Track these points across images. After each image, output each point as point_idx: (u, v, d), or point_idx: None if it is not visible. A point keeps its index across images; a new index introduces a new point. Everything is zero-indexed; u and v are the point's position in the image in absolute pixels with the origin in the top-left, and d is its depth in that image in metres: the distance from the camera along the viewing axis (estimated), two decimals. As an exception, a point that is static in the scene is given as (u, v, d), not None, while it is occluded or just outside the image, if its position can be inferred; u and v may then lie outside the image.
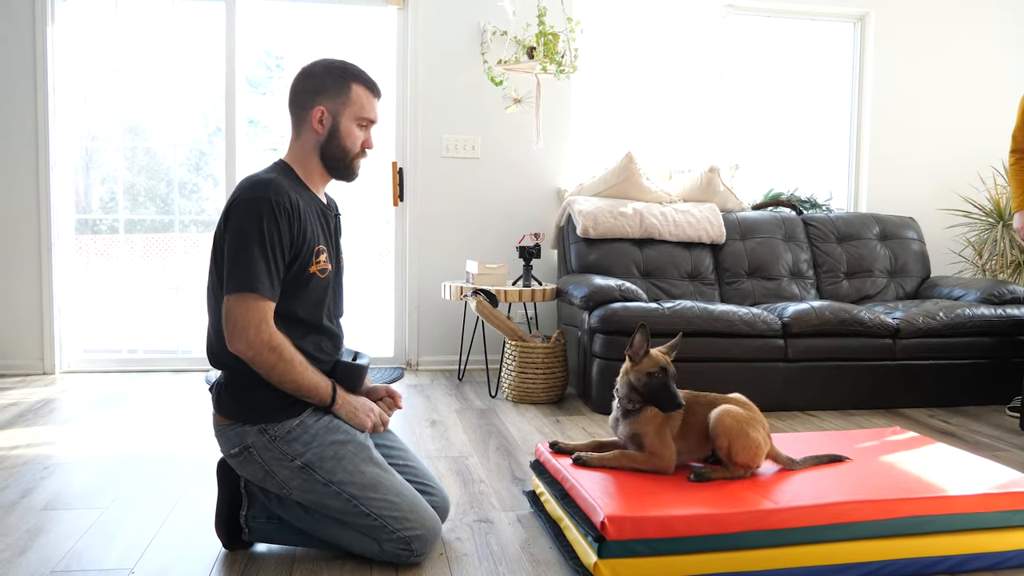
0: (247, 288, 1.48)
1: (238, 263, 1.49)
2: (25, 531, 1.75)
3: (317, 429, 1.57)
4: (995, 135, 4.34)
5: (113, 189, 3.93)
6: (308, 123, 1.62)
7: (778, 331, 3.02)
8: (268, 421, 1.55)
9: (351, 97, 1.63)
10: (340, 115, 1.62)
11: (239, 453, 1.57)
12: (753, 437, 1.68)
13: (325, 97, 1.61)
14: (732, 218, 3.72)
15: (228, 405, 1.58)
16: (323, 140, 1.63)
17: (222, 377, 1.62)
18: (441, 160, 3.85)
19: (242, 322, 1.47)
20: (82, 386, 3.37)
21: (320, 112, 1.61)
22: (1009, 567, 1.61)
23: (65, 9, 3.65)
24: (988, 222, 4.08)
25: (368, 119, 1.66)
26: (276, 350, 1.49)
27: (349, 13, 3.95)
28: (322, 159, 1.64)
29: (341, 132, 1.63)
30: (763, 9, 4.16)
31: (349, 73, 1.64)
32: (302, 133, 1.64)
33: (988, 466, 1.80)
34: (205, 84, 3.89)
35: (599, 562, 1.44)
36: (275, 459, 1.55)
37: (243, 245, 1.49)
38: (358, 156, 1.67)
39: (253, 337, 1.47)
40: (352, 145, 1.65)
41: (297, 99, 1.64)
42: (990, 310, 3.20)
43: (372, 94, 1.67)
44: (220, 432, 1.61)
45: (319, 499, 1.56)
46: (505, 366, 3.25)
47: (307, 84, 1.63)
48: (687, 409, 1.72)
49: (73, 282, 3.78)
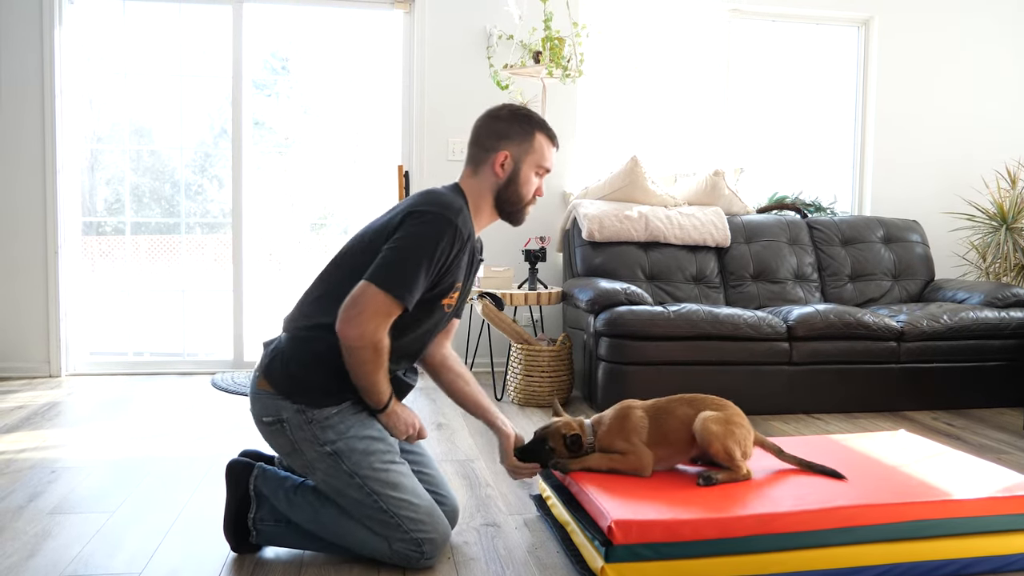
0: (393, 291, 1.50)
1: (399, 264, 1.51)
2: (33, 535, 1.75)
3: (353, 421, 1.59)
4: (998, 139, 4.35)
5: (119, 190, 3.96)
6: (489, 165, 1.67)
7: (783, 334, 3.03)
8: (310, 404, 1.57)
9: (534, 145, 1.67)
10: (522, 162, 1.67)
11: (273, 423, 1.59)
12: (740, 433, 1.71)
13: (509, 143, 1.66)
14: (737, 221, 3.73)
15: (278, 374, 1.59)
16: (502, 184, 1.67)
17: (284, 344, 1.62)
18: (447, 163, 3.87)
19: (368, 314, 1.49)
20: (88, 389, 3.38)
21: (504, 156, 1.66)
22: (1013, 570, 1.62)
23: (72, 11, 3.68)
24: (992, 225, 4.08)
25: (546, 168, 1.71)
26: (378, 352, 1.52)
27: (356, 16, 3.97)
28: (496, 201, 1.69)
29: (520, 178, 1.67)
30: (767, 13, 4.17)
31: (534, 122, 1.69)
32: (480, 172, 1.68)
33: (992, 470, 1.82)
34: (210, 86, 3.92)
35: (606, 566, 1.45)
36: (306, 440, 1.57)
37: (412, 252, 1.52)
38: (530, 203, 1.72)
39: (370, 331, 1.49)
40: (527, 192, 1.70)
41: (480, 140, 1.68)
42: (994, 313, 3.21)
43: (552, 144, 1.72)
44: (258, 396, 1.61)
45: (341, 487, 1.57)
46: (511, 369, 3.26)
47: (493, 127, 1.68)
48: (655, 418, 1.74)
49: (79, 284, 3.80)
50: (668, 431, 1.73)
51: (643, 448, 1.71)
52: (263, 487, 1.66)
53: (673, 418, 1.74)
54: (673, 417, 1.74)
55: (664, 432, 1.73)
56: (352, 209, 4.33)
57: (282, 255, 4.26)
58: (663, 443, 1.73)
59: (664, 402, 1.78)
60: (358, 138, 4.13)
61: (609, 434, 1.74)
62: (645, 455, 1.71)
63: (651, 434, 1.72)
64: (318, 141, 4.15)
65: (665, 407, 1.76)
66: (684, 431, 1.72)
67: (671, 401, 1.78)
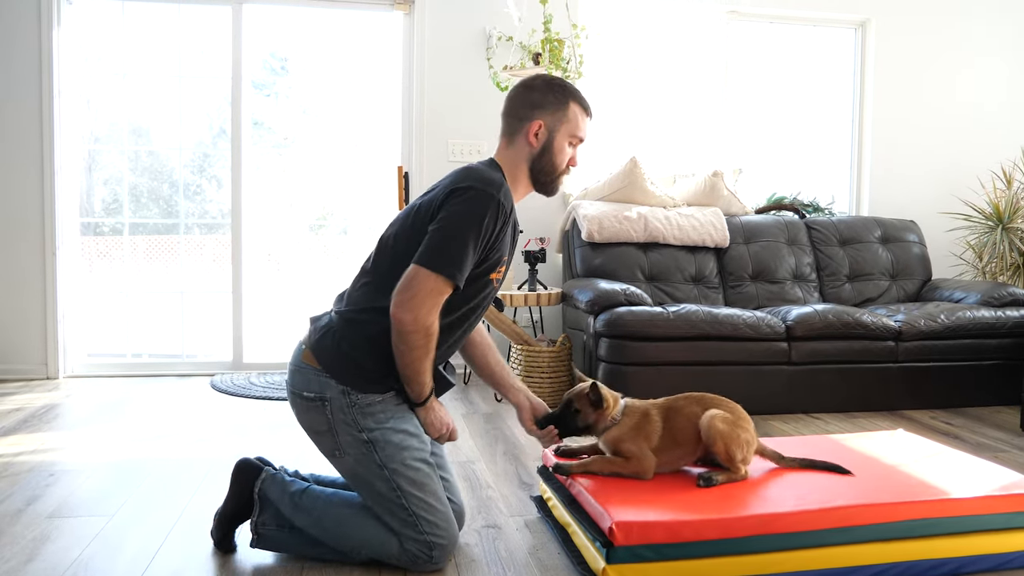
0: (444, 271, 1.50)
1: (447, 244, 1.51)
2: (31, 539, 1.74)
3: (393, 412, 1.60)
4: (994, 140, 4.37)
5: (116, 191, 3.96)
6: (523, 135, 1.67)
7: (782, 334, 3.04)
8: (356, 388, 1.57)
9: (568, 114, 1.67)
10: (556, 131, 1.67)
11: (314, 399, 1.58)
12: (745, 436, 1.72)
13: (544, 112, 1.66)
14: (736, 222, 3.75)
15: (329, 351, 1.59)
16: (536, 153, 1.67)
17: (336, 323, 1.62)
18: (447, 164, 3.87)
19: (421, 296, 1.49)
20: (86, 391, 3.37)
21: (538, 126, 1.65)
22: (1011, 568, 1.64)
23: (71, 12, 3.67)
24: (988, 225, 4.10)
25: (580, 138, 1.70)
26: (429, 337, 1.52)
27: (355, 17, 3.98)
28: (531, 171, 1.69)
29: (555, 147, 1.67)
30: (766, 15, 4.19)
31: (568, 91, 1.69)
32: (514, 143, 1.68)
33: (990, 469, 1.83)
34: (209, 87, 3.92)
35: (607, 567, 1.46)
36: (345, 423, 1.57)
37: (459, 230, 1.52)
38: (564, 172, 1.72)
39: (423, 316, 1.50)
40: (561, 161, 1.69)
41: (514, 110, 1.68)
42: (990, 312, 3.22)
43: (587, 113, 1.71)
44: (302, 370, 1.61)
45: (368, 477, 1.57)
46: (512, 370, 3.27)
47: (527, 97, 1.67)
48: (667, 419, 1.74)
49: (77, 286, 3.79)
50: (677, 431, 1.73)
51: (648, 454, 1.72)
52: (269, 491, 1.65)
53: (682, 417, 1.74)
54: (682, 416, 1.74)
55: (673, 433, 1.73)
56: (351, 209, 4.34)
57: (281, 255, 4.27)
58: (672, 445, 1.73)
59: (674, 400, 1.79)
60: (357, 139, 4.14)
61: (624, 432, 1.73)
62: (648, 461, 1.71)
63: (662, 437, 1.73)
64: (317, 141, 4.16)
65: (675, 405, 1.77)
66: (692, 430, 1.73)
67: (680, 399, 1.79)
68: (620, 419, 1.74)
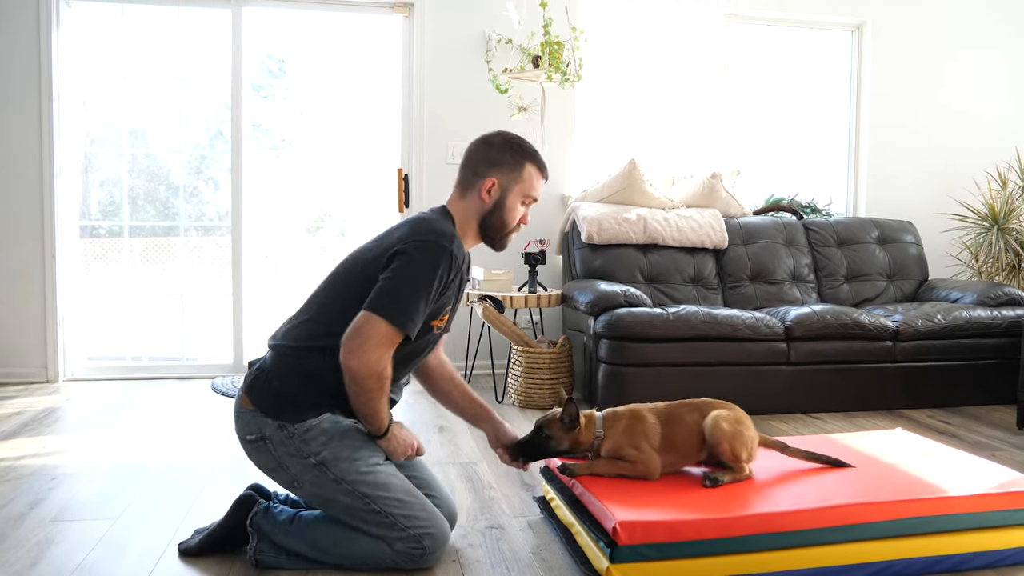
0: (396, 320, 1.51)
1: (400, 293, 1.53)
2: (35, 543, 1.75)
3: (335, 430, 1.61)
4: (990, 141, 4.40)
5: (112, 193, 3.95)
6: (477, 190, 1.69)
7: (781, 335, 3.07)
8: (290, 420, 1.59)
9: (523, 175, 1.70)
10: (509, 190, 1.69)
11: (256, 441, 1.61)
12: (748, 435, 1.74)
13: (499, 170, 1.69)
14: (734, 223, 3.77)
15: (261, 391, 1.62)
16: (488, 209, 1.70)
17: (268, 362, 1.64)
18: (447, 167, 3.89)
19: (372, 344, 1.50)
20: (86, 394, 3.37)
21: (492, 183, 1.68)
22: (1008, 564, 1.66)
23: (70, 14, 3.68)
24: (984, 226, 4.13)
25: (532, 198, 1.74)
26: (381, 382, 1.54)
27: (355, 20, 3.99)
28: (481, 226, 1.71)
29: (506, 206, 1.70)
30: (763, 18, 4.21)
31: (526, 152, 1.71)
32: (467, 196, 1.71)
33: (987, 466, 1.85)
34: (206, 89, 3.92)
35: (611, 567, 1.48)
36: (290, 454, 1.58)
37: (413, 280, 1.54)
38: (513, 231, 1.74)
39: (374, 363, 1.51)
40: (511, 220, 1.72)
41: (471, 165, 1.71)
42: (986, 312, 3.25)
43: (542, 175, 1.74)
44: (240, 415, 1.64)
45: (330, 495, 1.58)
46: (511, 372, 3.29)
47: (485, 154, 1.70)
48: (666, 423, 1.76)
49: (76, 289, 3.79)
50: (677, 437, 1.75)
51: (652, 454, 1.73)
52: (261, 523, 1.65)
53: (683, 424, 1.76)
54: (682, 423, 1.76)
55: (674, 439, 1.75)
56: (349, 211, 4.35)
57: (278, 257, 4.27)
58: (672, 449, 1.75)
59: (674, 406, 1.80)
60: (355, 141, 4.15)
61: (619, 439, 1.75)
62: (653, 461, 1.73)
63: (662, 440, 1.74)
64: (315, 143, 4.16)
65: (675, 412, 1.78)
66: (693, 437, 1.75)
67: (680, 406, 1.80)
68: (604, 431, 1.75)
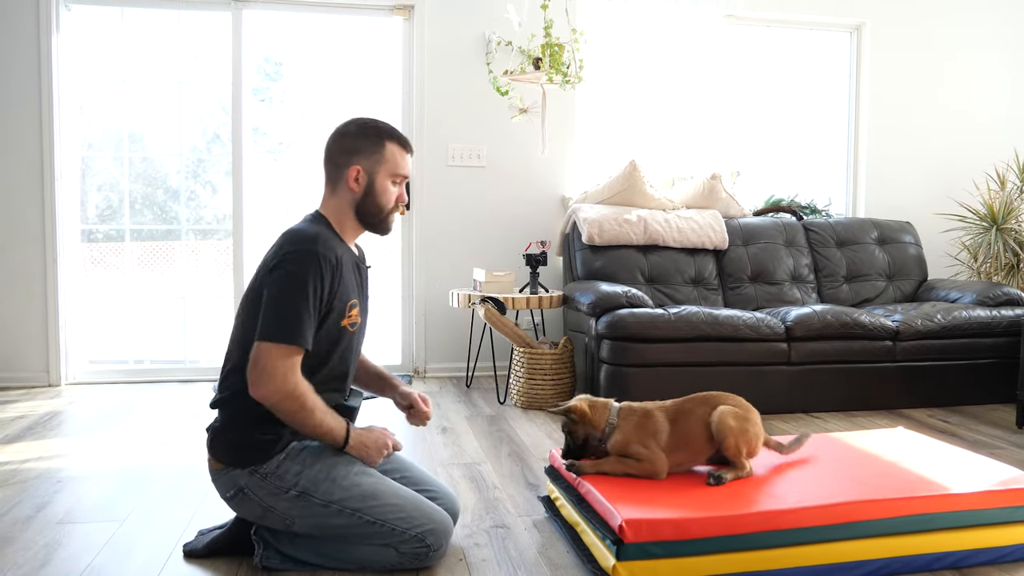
0: (283, 338, 1.51)
1: (279, 312, 1.53)
2: (43, 545, 1.75)
3: (305, 456, 1.61)
4: (989, 141, 4.43)
5: (110, 197, 3.95)
6: (344, 181, 1.68)
7: (781, 335, 3.08)
8: (257, 462, 1.59)
9: (385, 155, 1.68)
10: (376, 173, 1.68)
11: (235, 495, 1.61)
12: (754, 431, 1.76)
13: (360, 156, 1.67)
14: (734, 224, 3.79)
15: (221, 449, 1.62)
16: (359, 198, 1.68)
17: (216, 421, 1.66)
18: (447, 169, 3.91)
19: (271, 370, 1.50)
20: (89, 398, 3.37)
21: (356, 171, 1.67)
22: (1009, 561, 1.68)
23: (69, 18, 3.68)
24: (982, 226, 4.15)
25: (402, 175, 1.71)
26: (299, 399, 1.53)
27: (355, 22, 4.00)
28: (357, 215, 1.70)
29: (377, 189, 1.68)
30: (762, 19, 4.24)
31: (383, 132, 1.70)
32: (337, 191, 1.70)
33: (988, 464, 1.87)
34: (203, 92, 3.92)
35: (617, 564, 1.49)
36: (271, 494, 1.58)
37: (286, 295, 1.53)
38: (392, 211, 1.73)
39: (280, 385, 1.51)
40: (387, 201, 1.70)
41: (332, 158, 1.69)
42: (986, 312, 3.27)
43: (405, 150, 1.72)
44: (215, 477, 1.64)
45: (323, 521, 1.58)
46: (513, 373, 3.30)
47: (342, 144, 1.69)
48: (675, 421, 1.77)
49: (78, 292, 3.79)
50: (687, 433, 1.76)
51: (659, 453, 1.74)
52: (267, 533, 1.67)
53: (692, 418, 1.77)
54: (692, 417, 1.77)
55: (683, 435, 1.76)
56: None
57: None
58: (682, 447, 1.76)
59: (682, 402, 1.81)
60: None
61: (629, 433, 1.76)
62: (660, 460, 1.74)
63: (671, 438, 1.75)
64: (314, 146, 4.17)
65: (683, 408, 1.80)
66: (703, 431, 1.76)
67: (689, 400, 1.81)
68: (617, 422, 1.77)
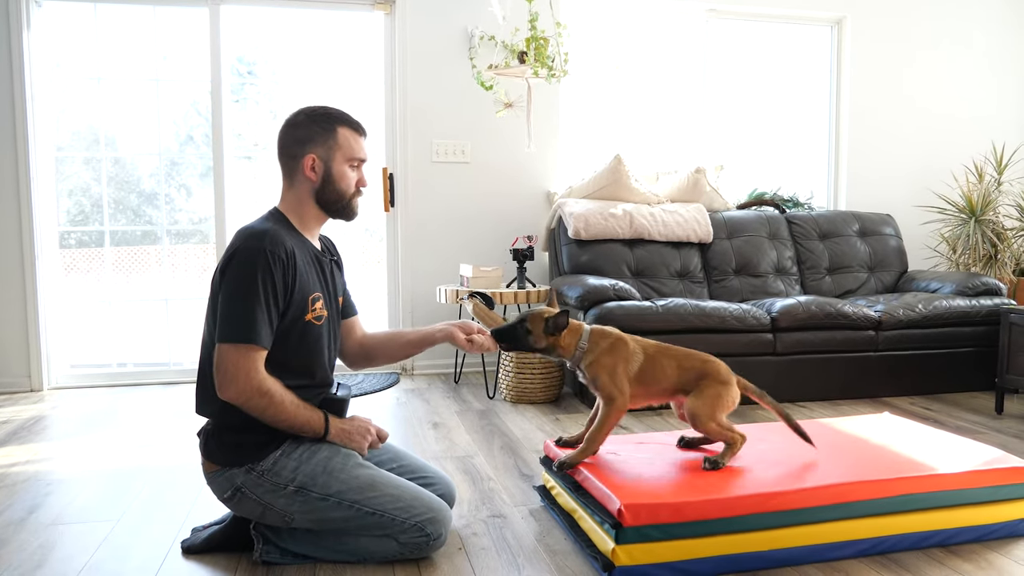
0: (241, 338, 1.51)
1: (233, 313, 1.52)
2: (38, 546, 1.74)
3: (301, 451, 1.61)
4: (967, 134, 4.51)
5: (81, 201, 3.87)
6: (300, 172, 1.66)
7: (767, 326, 3.12)
8: (253, 460, 1.58)
9: (338, 140, 1.66)
10: (331, 160, 1.66)
11: (232, 495, 1.61)
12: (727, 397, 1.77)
13: (313, 144, 1.65)
14: (718, 218, 3.82)
15: (215, 451, 1.62)
16: (318, 186, 1.66)
17: (208, 424, 1.65)
18: (431, 165, 3.90)
19: (232, 371, 1.50)
20: (72, 402, 3.32)
21: (311, 160, 1.64)
22: (995, 538, 1.72)
23: (41, 15, 3.60)
24: (961, 218, 4.23)
25: (359, 159, 1.69)
26: (266, 395, 1.53)
27: (336, 18, 3.97)
28: (319, 204, 1.68)
29: (335, 175, 1.66)
30: (743, 13, 4.28)
31: (333, 117, 1.67)
32: (295, 182, 1.67)
33: (973, 446, 1.91)
34: (176, 92, 3.84)
35: (616, 548, 1.51)
36: (268, 492, 1.58)
37: (238, 295, 1.52)
38: (355, 196, 1.71)
39: (243, 385, 1.51)
40: (347, 187, 1.68)
41: (285, 150, 1.67)
42: (965, 301, 3.34)
43: (358, 134, 1.70)
44: (211, 479, 1.64)
45: (322, 515, 1.58)
46: (502, 367, 3.31)
47: (294, 135, 1.66)
48: (651, 360, 1.77)
49: (57, 296, 3.72)
50: (653, 376, 1.77)
51: (623, 383, 1.73)
52: (265, 528, 1.66)
53: (660, 370, 1.78)
54: (661, 369, 1.78)
55: (652, 374, 1.77)
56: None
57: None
58: (646, 383, 1.77)
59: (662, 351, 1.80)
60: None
61: (600, 357, 1.74)
62: (623, 393, 1.73)
63: (639, 372, 1.76)
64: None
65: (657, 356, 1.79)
66: (667, 381, 1.78)
67: (663, 352, 1.80)
68: (587, 345, 1.75)
